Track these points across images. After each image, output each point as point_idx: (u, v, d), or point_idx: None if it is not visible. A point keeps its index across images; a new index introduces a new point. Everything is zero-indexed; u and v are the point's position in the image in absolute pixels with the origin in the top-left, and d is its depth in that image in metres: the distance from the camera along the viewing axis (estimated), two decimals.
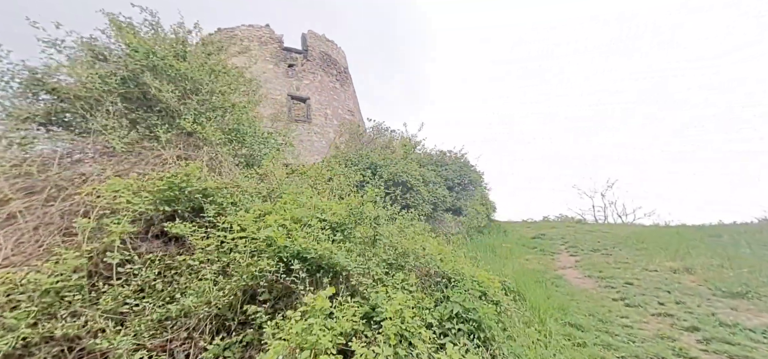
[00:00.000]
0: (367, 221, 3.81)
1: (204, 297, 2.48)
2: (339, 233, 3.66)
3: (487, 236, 11.30)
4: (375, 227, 3.81)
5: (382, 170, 9.08)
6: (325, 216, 3.64)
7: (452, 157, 12.71)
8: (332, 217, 3.67)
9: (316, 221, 3.57)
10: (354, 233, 3.69)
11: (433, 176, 10.74)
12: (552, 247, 10.86)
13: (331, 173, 6.72)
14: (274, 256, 2.88)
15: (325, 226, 3.61)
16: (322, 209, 3.89)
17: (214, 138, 4.32)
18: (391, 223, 5.02)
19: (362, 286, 3.00)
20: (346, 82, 23.76)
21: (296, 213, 3.58)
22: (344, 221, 3.81)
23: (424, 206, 9.27)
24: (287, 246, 2.88)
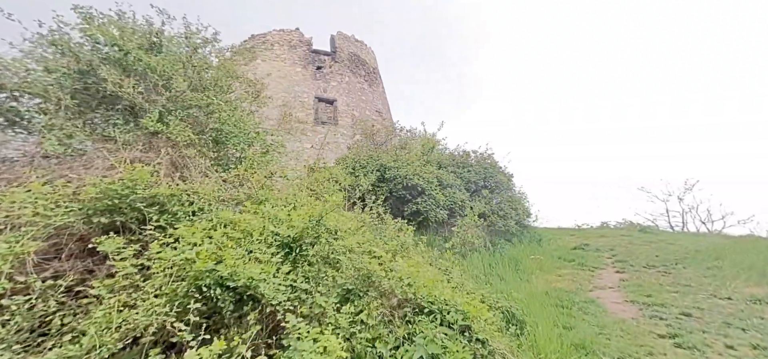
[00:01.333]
0: (324, 236, 3.27)
1: (92, 341, 2.11)
2: (295, 251, 3.18)
3: (516, 247, 10.08)
4: (330, 244, 3.25)
5: (391, 172, 8.47)
6: (280, 230, 3.17)
7: (478, 157, 11.62)
8: (288, 231, 3.19)
9: (270, 235, 3.13)
10: (309, 251, 3.18)
11: (452, 179, 9.84)
12: (595, 260, 9.33)
13: (325, 178, 6.31)
14: (192, 284, 2.46)
15: (277, 242, 3.15)
16: (281, 220, 3.44)
17: (180, 139, 4.08)
18: (369, 233, 4.43)
19: (289, 327, 2.44)
20: (375, 83, 23.50)
21: (252, 224, 3.17)
22: (302, 235, 3.32)
23: (438, 212, 8.46)
24: (212, 270, 2.46)
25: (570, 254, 10.16)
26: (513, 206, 11.16)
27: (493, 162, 11.14)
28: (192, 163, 4.14)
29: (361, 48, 23.63)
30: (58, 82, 3.61)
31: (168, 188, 3.38)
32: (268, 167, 5.19)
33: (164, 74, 4.42)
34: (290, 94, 18.99)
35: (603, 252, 10.51)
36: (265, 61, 19.44)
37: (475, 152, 11.60)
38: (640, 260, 9.09)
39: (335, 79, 20.66)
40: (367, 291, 3.24)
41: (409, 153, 9.83)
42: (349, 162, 8.87)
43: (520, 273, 7.39)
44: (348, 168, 8.76)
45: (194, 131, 4.85)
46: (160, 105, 4.23)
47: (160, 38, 4.71)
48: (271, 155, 5.82)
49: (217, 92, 5.44)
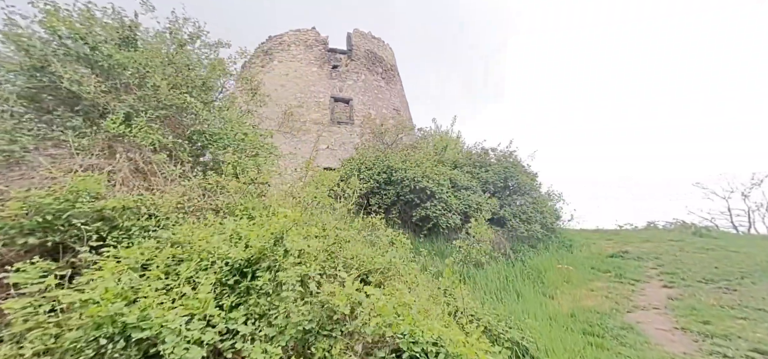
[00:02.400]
0: (281, 260, 2.69)
1: None
2: (248, 277, 2.64)
3: (541, 254, 9.00)
4: (284, 270, 2.66)
5: (399, 174, 7.79)
6: (232, 253, 2.61)
7: (498, 155, 10.60)
8: (243, 252, 2.65)
9: (220, 261, 2.60)
10: (264, 277, 2.62)
11: (467, 180, 8.96)
12: (636, 271, 8.07)
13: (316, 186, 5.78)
14: (87, 334, 1.98)
15: (227, 268, 2.62)
16: (240, 237, 2.92)
17: (147, 142, 3.69)
18: (360, 246, 3.81)
19: None
20: (392, 80, 22.88)
21: (202, 245, 2.68)
22: (260, 257, 2.78)
23: (450, 217, 7.66)
24: (118, 315, 1.96)
25: (605, 262, 8.90)
26: (538, 209, 10.05)
27: (515, 161, 10.08)
28: (162, 169, 3.75)
29: (379, 45, 23.08)
30: (5, 79, 3.33)
31: (119, 200, 2.98)
32: (256, 171, 4.75)
33: (138, 72, 4.08)
34: (306, 94, 18.82)
35: (646, 261, 9.12)
36: (282, 62, 19.44)
37: (494, 151, 10.60)
38: (695, 272, 7.71)
39: (351, 77, 20.27)
40: (331, 331, 2.63)
41: (419, 153, 9.09)
42: (354, 164, 8.31)
43: (543, 287, 6.43)
44: (353, 170, 8.20)
45: (175, 133, 4.50)
46: (128, 105, 3.86)
47: (133, 32, 4.37)
48: (264, 159, 5.38)
49: (204, 91, 5.07)
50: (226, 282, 2.42)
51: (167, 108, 4.24)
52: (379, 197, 7.77)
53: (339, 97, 19.13)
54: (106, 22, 4.18)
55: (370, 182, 7.77)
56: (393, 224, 7.63)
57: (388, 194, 7.73)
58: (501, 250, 8.69)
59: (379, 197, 7.77)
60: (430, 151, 9.69)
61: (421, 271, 5.27)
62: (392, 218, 7.62)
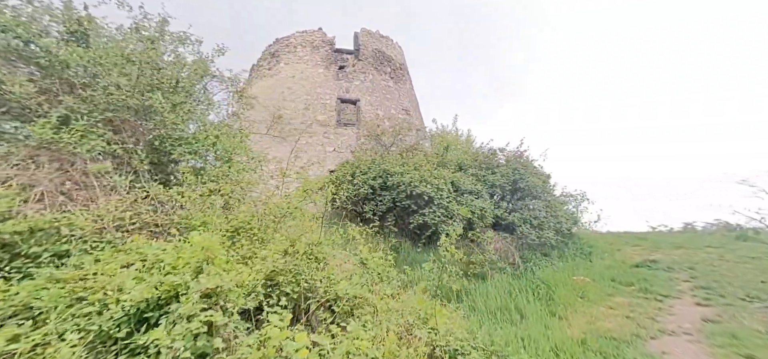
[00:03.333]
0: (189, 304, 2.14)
1: None
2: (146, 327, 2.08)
3: (554, 264, 8.18)
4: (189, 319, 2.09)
5: (395, 179, 7.26)
6: (125, 298, 2.03)
7: (508, 156, 9.82)
8: (142, 294, 2.10)
9: (114, 305, 2.07)
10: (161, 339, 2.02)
11: (471, 183, 8.28)
12: (665, 285, 7.12)
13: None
14: None
15: (123, 313, 2.07)
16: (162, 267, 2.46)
17: (84, 149, 3.35)
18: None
19: None
20: (401, 80, 22.37)
21: (102, 279, 2.22)
22: (169, 298, 2.22)
23: (451, 224, 7.03)
24: None
25: (629, 273, 7.96)
26: (552, 213, 9.20)
27: (526, 162, 9.27)
28: (102, 181, 3.40)
29: (387, 44, 22.62)
30: None
31: (28, 221, 2.62)
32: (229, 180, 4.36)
33: (86, 70, 3.78)
34: (312, 96, 18.62)
35: (678, 272, 8.10)
36: (288, 64, 19.33)
37: (503, 151, 9.82)
38: (737, 286, 6.69)
39: (358, 78, 19.92)
40: None
41: (418, 155, 8.49)
42: (348, 168, 7.84)
43: (552, 305, 5.69)
44: (347, 174, 7.75)
45: (134, 138, 4.18)
46: (66, 107, 3.53)
47: (83, 26, 4.07)
48: (243, 166, 5.00)
49: (175, 93, 4.73)
50: (113, 334, 1.91)
51: (121, 110, 3.90)
52: (374, 204, 7.26)
53: (346, 98, 18.80)
54: (51, 13, 3.88)
55: (364, 188, 7.28)
56: (389, 233, 7.11)
57: (383, 200, 7.21)
58: (508, 259, 7.97)
59: (374, 204, 7.26)
60: (432, 152, 9.06)
61: (404, 288, 4.73)
62: (388, 225, 7.09)
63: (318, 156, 15.67)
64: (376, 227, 6.75)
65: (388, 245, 6.72)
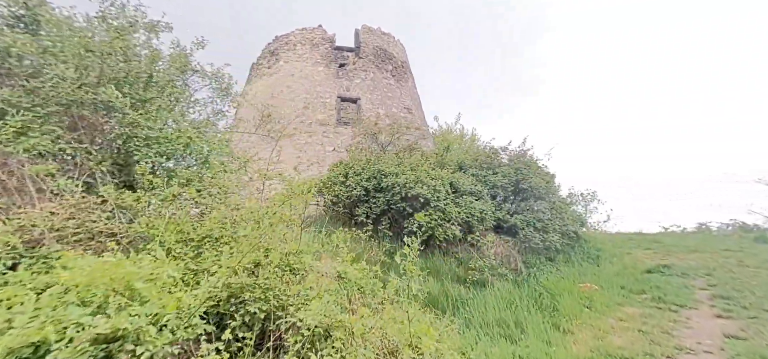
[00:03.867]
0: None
1: None
2: None
3: (560, 269, 7.71)
4: None
5: (389, 180, 6.86)
6: None
7: (511, 155, 9.34)
8: None
9: None
10: None
11: (471, 184, 7.83)
12: (681, 293, 6.60)
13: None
14: None
15: None
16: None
17: (17, 148, 3.01)
18: None
19: None
20: (403, 78, 21.99)
21: None
22: None
23: (448, 227, 6.62)
24: None
25: (641, 280, 7.45)
26: (557, 214, 8.71)
27: (529, 161, 8.79)
28: (39, 185, 3.06)
29: (388, 41, 22.24)
30: None
31: None
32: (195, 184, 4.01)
33: (33, 62, 3.46)
34: (312, 95, 18.32)
35: (694, 278, 7.56)
36: (288, 62, 19.05)
37: (504, 150, 9.34)
38: (760, 295, 6.15)
39: (359, 76, 19.58)
40: None
41: (416, 155, 8.06)
42: (341, 169, 7.47)
43: (556, 317, 5.24)
44: (339, 176, 7.38)
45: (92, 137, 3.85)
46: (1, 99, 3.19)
47: (33, 11, 3.74)
48: (226, 167, 4.64)
49: (147, 88, 4.39)
50: None
51: (74, 105, 3.56)
52: (367, 207, 6.88)
53: (346, 96, 18.46)
54: None
55: (357, 190, 6.90)
56: (383, 237, 6.72)
57: (377, 203, 6.82)
58: (511, 265, 7.52)
59: (367, 207, 6.88)
60: (431, 152, 8.64)
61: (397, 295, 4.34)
62: (383, 229, 6.70)
63: (317, 156, 15.35)
64: (369, 231, 6.39)
65: (381, 251, 6.34)
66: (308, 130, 17.87)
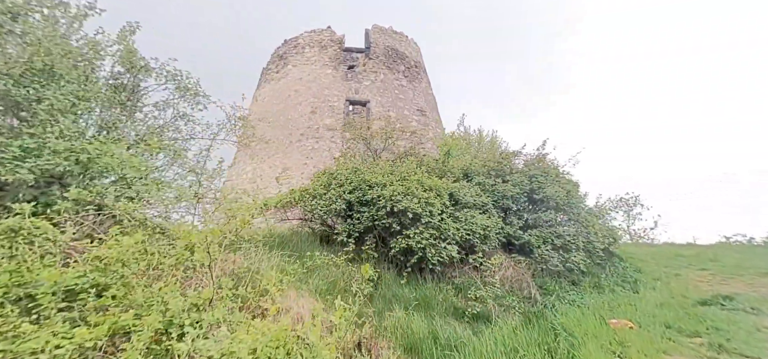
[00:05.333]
0: None
1: None
2: None
3: (584, 297, 6.32)
4: None
5: (374, 192, 5.91)
6: None
7: (528, 160, 8.03)
8: None
9: None
10: None
11: (475, 194, 6.68)
12: (752, 337, 5.05)
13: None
14: None
15: None
16: None
17: None
18: None
19: None
20: (416, 78, 20.99)
21: None
22: None
23: (443, 248, 5.54)
24: None
25: (694, 315, 5.89)
26: (583, 228, 7.29)
27: (546, 167, 7.44)
28: None
29: (400, 40, 21.35)
30: None
31: None
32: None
33: None
34: (319, 99, 17.78)
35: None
36: (296, 66, 18.66)
37: (517, 154, 8.02)
38: None
39: (369, 77, 18.83)
40: None
41: (407, 163, 7.00)
42: (324, 179, 6.61)
43: None
44: (321, 186, 6.52)
45: None
46: None
47: None
48: (132, 183, 3.92)
49: (46, 85, 3.70)
50: None
51: None
52: (349, 223, 5.95)
53: (354, 99, 17.77)
54: None
55: (337, 203, 6.01)
56: (368, 258, 5.74)
57: (361, 219, 5.87)
58: (522, 292, 6.26)
59: (349, 223, 5.95)
60: (432, 158, 7.56)
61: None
62: (367, 249, 5.73)
63: (324, 162, 14.66)
64: (350, 252, 5.47)
65: (364, 278, 5.37)
66: (316, 135, 17.29)
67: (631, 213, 21.36)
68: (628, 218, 21.50)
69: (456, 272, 6.02)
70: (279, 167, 15.88)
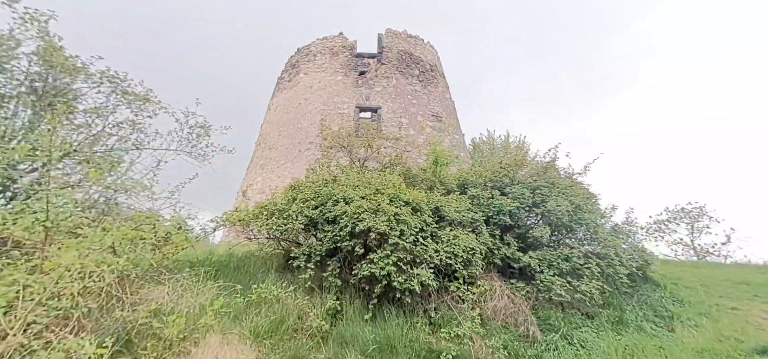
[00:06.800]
0: None
1: None
2: None
3: (603, 334, 5.12)
4: None
5: (339, 208, 5.27)
6: None
7: (535, 167, 6.91)
8: None
9: None
10: None
11: (464, 210, 5.76)
12: None
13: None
14: None
15: None
16: None
17: None
18: None
19: None
20: (432, 83, 20.20)
21: None
22: None
23: (415, 275, 4.73)
24: None
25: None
26: (606, 249, 6.05)
27: (552, 177, 6.28)
28: None
29: (415, 44, 20.68)
30: None
31: None
32: None
33: None
34: (329, 106, 17.59)
35: None
36: (307, 74, 18.65)
37: (520, 165, 6.89)
38: None
39: (380, 83, 18.35)
40: None
41: (383, 175, 6.24)
42: (290, 193, 6.08)
43: None
44: (288, 200, 6.00)
45: None
46: None
47: None
48: None
49: None
50: None
51: None
52: (309, 245, 5.30)
53: (365, 106, 17.34)
54: None
55: (296, 221, 5.38)
56: (330, 287, 5.04)
57: (324, 240, 5.22)
58: (519, 328, 5.23)
59: (309, 245, 5.30)
60: (426, 167, 6.74)
61: None
62: (328, 276, 5.05)
63: (331, 172, 14.29)
64: (307, 280, 4.84)
65: (322, 310, 4.71)
66: (324, 144, 17.04)
67: (694, 226, 18.32)
68: (692, 231, 18.55)
69: (434, 302, 5.15)
70: (288, 177, 15.74)
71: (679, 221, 18.89)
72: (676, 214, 19.04)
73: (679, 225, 18.81)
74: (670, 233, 18.39)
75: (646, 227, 19.58)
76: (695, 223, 19.19)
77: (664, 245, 18.41)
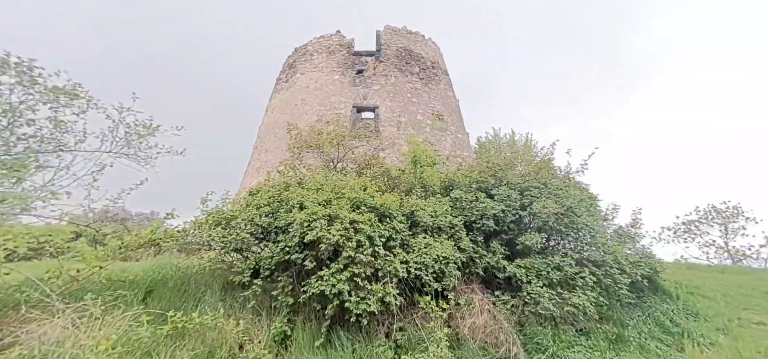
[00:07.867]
0: None
1: None
2: None
3: (597, 353, 4.41)
4: None
5: (291, 216, 4.75)
6: None
7: (529, 168, 6.20)
8: None
9: None
10: None
11: (437, 213, 5.15)
12: None
13: None
14: None
15: None
16: None
17: None
18: None
19: None
20: (433, 80, 19.53)
21: None
22: None
23: (372, 295, 4.16)
24: None
25: None
26: (604, 255, 5.30)
27: (544, 178, 5.55)
28: None
29: (415, 41, 20.05)
30: None
31: None
32: None
33: None
34: (325, 106, 17.19)
35: None
36: (304, 74, 18.28)
37: (510, 165, 6.17)
38: None
39: (378, 82, 17.82)
40: None
41: (356, 178, 5.67)
42: (251, 200, 5.61)
43: None
44: (251, 207, 5.54)
45: None
46: None
47: None
48: None
49: None
50: None
51: None
52: (254, 259, 4.75)
53: (362, 106, 16.85)
54: None
55: (243, 231, 4.85)
56: (281, 308, 4.51)
57: (274, 251, 4.68)
58: (499, 349, 4.57)
59: (254, 259, 4.75)
60: (394, 168, 6.15)
61: None
62: (278, 295, 4.52)
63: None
64: (250, 299, 4.32)
65: (267, 334, 4.19)
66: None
67: (728, 227, 16.93)
68: (726, 232, 17.14)
69: (399, 321, 4.55)
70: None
71: (711, 221, 17.55)
72: (708, 214, 17.69)
73: (712, 226, 17.48)
74: (701, 234, 17.12)
75: (674, 228, 18.08)
76: (729, 224, 17.77)
77: (695, 247, 17.13)
